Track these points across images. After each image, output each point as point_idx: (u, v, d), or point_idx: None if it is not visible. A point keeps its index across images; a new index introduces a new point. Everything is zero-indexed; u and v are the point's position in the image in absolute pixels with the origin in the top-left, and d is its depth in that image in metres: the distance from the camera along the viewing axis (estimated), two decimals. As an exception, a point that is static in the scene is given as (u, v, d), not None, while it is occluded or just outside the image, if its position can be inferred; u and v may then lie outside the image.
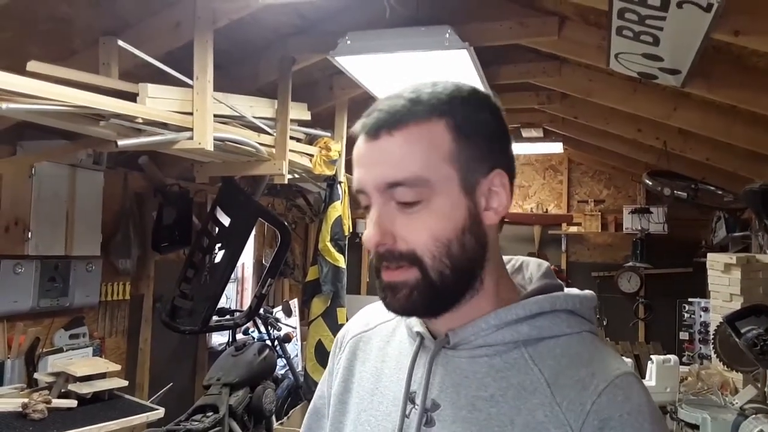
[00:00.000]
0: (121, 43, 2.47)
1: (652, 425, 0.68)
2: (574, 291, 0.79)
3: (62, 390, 2.73)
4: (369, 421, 0.81)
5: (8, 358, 2.98)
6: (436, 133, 0.71)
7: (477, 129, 0.73)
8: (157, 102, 2.49)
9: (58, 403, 2.63)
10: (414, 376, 0.78)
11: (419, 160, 0.70)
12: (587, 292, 0.80)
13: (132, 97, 2.44)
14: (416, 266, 0.72)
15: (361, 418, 0.82)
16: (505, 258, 0.85)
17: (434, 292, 0.72)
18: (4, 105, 1.94)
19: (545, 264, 0.84)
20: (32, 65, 2.15)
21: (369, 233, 0.72)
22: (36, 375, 2.92)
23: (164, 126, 2.52)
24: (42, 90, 2.04)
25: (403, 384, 0.79)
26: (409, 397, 0.77)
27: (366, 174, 0.73)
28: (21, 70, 2.06)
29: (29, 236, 2.96)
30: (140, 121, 2.38)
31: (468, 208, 0.73)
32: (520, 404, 0.70)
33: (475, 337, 0.75)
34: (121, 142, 2.37)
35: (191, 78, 2.62)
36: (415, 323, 0.81)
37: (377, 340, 0.88)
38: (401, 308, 0.75)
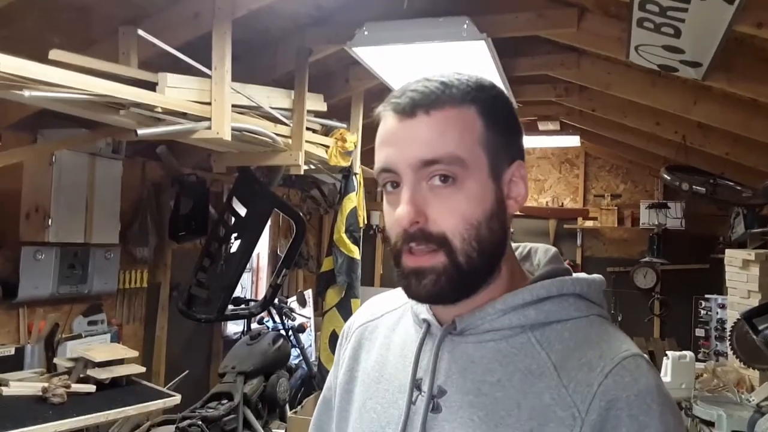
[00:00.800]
0: (140, 32, 2.48)
1: (660, 406, 0.67)
2: (582, 275, 0.79)
3: (81, 375, 2.78)
4: (375, 408, 0.81)
5: (28, 343, 3.03)
6: (469, 117, 0.73)
7: (502, 120, 0.76)
8: (175, 91, 2.51)
9: (77, 387, 2.67)
10: (420, 362, 0.78)
11: (455, 140, 0.72)
12: (596, 276, 0.80)
13: (151, 86, 2.46)
14: (444, 250, 0.72)
15: (367, 405, 0.82)
16: (513, 245, 0.85)
17: (461, 277, 0.72)
18: (27, 92, 1.97)
19: (552, 249, 0.84)
20: (54, 54, 2.17)
21: (403, 211, 0.71)
22: (55, 360, 2.97)
23: (183, 115, 2.54)
24: (63, 78, 2.06)
25: (409, 371, 0.79)
26: (416, 384, 0.77)
27: (398, 152, 0.73)
28: (42, 59, 2.08)
29: (49, 223, 3.00)
30: (159, 110, 2.40)
31: (495, 193, 0.74)
32: (527, 388, 0.70)
33: (482, 322, 0.75)
34: (140, 131, 2.39)
35: (209, 68, 2.64)
36: (422, 310, 0.81)
37: (383, 329, 0.89)
38: (427, 294, 0.74)
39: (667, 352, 3.26)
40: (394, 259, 0.75)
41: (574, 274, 0.79)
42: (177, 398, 2.86)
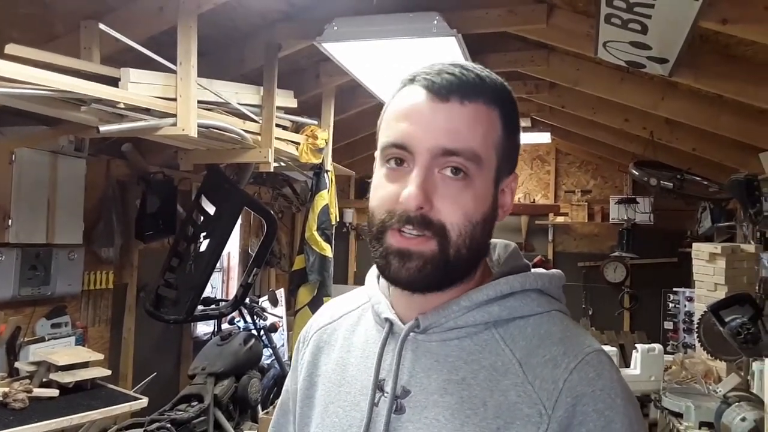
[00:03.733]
0: (102, 26, 2.41)
1: (623, 401, 0.68)
2: (543, 270, 0.79)
3: (44, 379, 2.70)
4: (336, 412, 0.79)
5: (-11, 347, 2.94)
6: (494, 118, 0.73)
7: (514, 130, 0.76)
8: (139, 87, 2.45)
9: (39, 392, 2.60)
10: (383, 363, 0.77)
11: (480, 138, 0.71)
12: (555, 271, 0.80)
13: (114, 82, 2.40)
14: (438, 239, 0.70)
15: (329, 410, 0.80)
16: None
17: (446, 268, 0.71)
18: (-19, 88, 1.90)
19: (513, 245, 0.84)
20: (11, 48, 2.10)
21: (411, 193, 0.68)
22: (17, 364, 2.88)
23: (147, 112, 2.48)
24: (21, 74, 1.99)
25: (371, 372, 0.77)
26: (378, 385, 0.76)
27: (420, 133, 0.70)
28: (0, 54, 2.01)
29: (10, 223, 2.90)
30: (122, 106, 2.34)
31: (493, 198, 0.74)
32: (492, 386, 0.70)
33: (446, 319, 0.74)
34: (102, 128, 2.33)
35: (175, 63, 2.58)
36: (384, 309, 0.80)
37: (342, 331, 0.86)
38: (408, 278, 0.71)
39: (636, 344, 3.31)
40: (375, 235, 0.72)
41: (533, 270, 0.79)
42: (144, 401, 2.80)
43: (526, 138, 5.78)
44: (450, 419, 0.69)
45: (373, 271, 0.85)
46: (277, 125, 3.34)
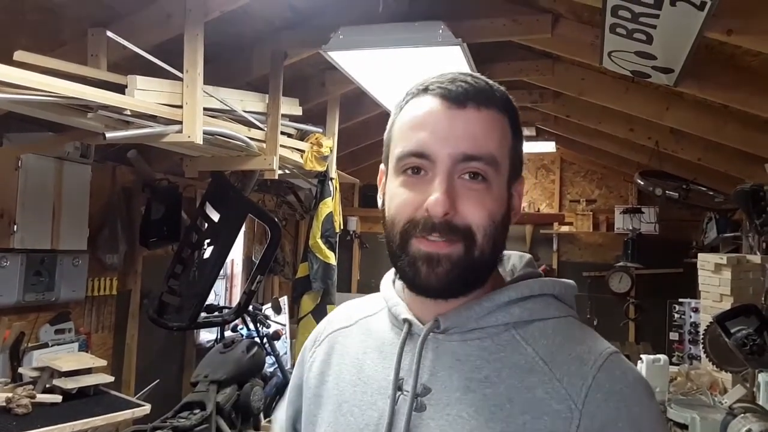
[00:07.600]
0: (110, 34, 2.43)
1: (649, 399, 0.71)
2: (557, 279, 0.81)
3: (47, 385, 2.70)
4: (351, 411, 0.79)
5: (-8, 352, 2.95)
6: (505, 125, 0.76)
7: (520, 137, 0.79)
8: (146, 94, 2.46)
9: (42, 398, 2.60)
10: (402, 363, 0.77)
11: (496, 142, 0.74)
12: (569, 280, 0.82)
13: (121, 89, 2.41)
14: (465, 242, 0.72)
15: (343, 409, 0.80)
16: None
17: (471, 270, 0.73)
18: (-12, 94, 1.91)
19: (527, 256, 0.86)
20: (19, 55, 2.11)
21: (438, 200, 0.70)
22: (21, 370, 2.89)
23: (153, 119, 2.49)
24: (29, 80, 2.00)
25: (388, 373, 0.77)
26: (398, 385, 0.76)
27: (440, 140, 0.72)
28: (8, 61, 2.03)
29: (15, 229, 2.91)
30: (128, 113, 2.35)
31: (507, 200, 0.77)
32: (517, 383, 0.71)
33: (467, 320, 0.75)
34: (109, 134, 2.33)
35: (181, 71, 2.59)
36: (402, 311, 0.80)
37: (358, 334, 0.87)
38: (437, 282, 0.72)
39: (641, 355, 3.28)
40: (399, 244, 0.74)
41: (548, 277, 0.81)
42: (147, 408, 2.80)
43: (531, 147, 5.77)
44: (474, 416, 0.70)
45: (389, 275, 0.87)
46: (282, 133, 3.35)
